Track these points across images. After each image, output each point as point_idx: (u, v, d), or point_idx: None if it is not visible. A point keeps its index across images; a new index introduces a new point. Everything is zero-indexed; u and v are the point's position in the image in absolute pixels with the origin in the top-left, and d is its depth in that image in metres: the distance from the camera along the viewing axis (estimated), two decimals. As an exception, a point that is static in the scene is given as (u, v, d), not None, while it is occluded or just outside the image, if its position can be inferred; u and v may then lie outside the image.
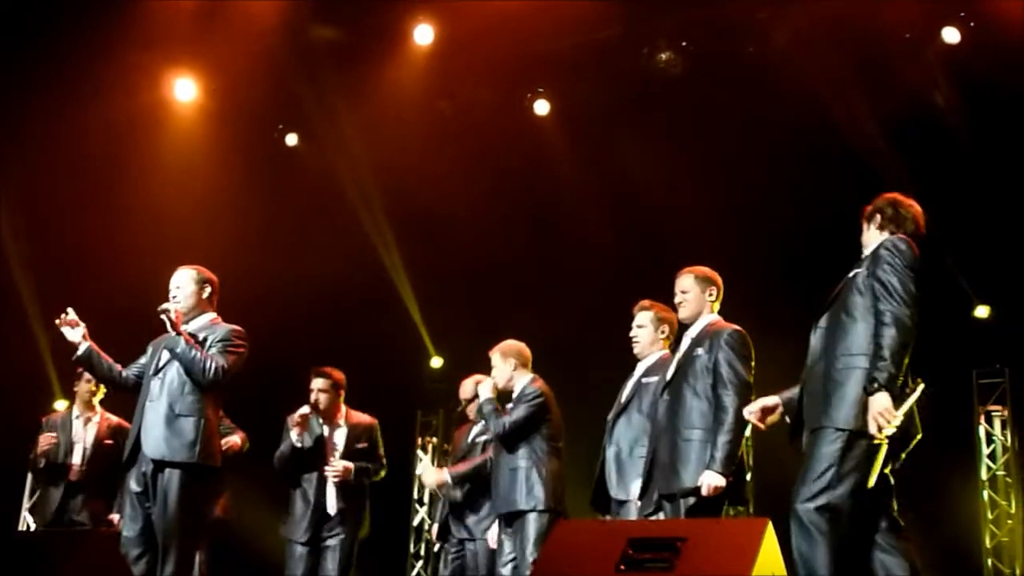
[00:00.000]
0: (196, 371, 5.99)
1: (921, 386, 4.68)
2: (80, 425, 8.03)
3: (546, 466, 6.80)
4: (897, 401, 4.55)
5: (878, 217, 5.13)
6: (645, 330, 6.45)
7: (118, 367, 6.29)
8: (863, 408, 4.61)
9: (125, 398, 6.48)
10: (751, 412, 5.25)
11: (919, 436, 4.82)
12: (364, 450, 7.60)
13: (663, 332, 6.45)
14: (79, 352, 6.19)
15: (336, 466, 7.37)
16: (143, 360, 6.30)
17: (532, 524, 6.65)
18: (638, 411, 6.30)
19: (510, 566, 6.79)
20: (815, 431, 4.73)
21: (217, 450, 6.19)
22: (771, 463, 5.70)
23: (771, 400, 5.22)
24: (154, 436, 5.97)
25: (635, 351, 6.47)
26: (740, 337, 5.74)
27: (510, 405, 6.95)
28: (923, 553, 10.06)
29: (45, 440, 7.89)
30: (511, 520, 6.83)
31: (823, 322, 4.95)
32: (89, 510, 7.82)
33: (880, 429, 4.54)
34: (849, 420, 4.65)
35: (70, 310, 6.13)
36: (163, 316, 6.01)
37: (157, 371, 6.11)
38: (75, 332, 6.16)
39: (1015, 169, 9.40)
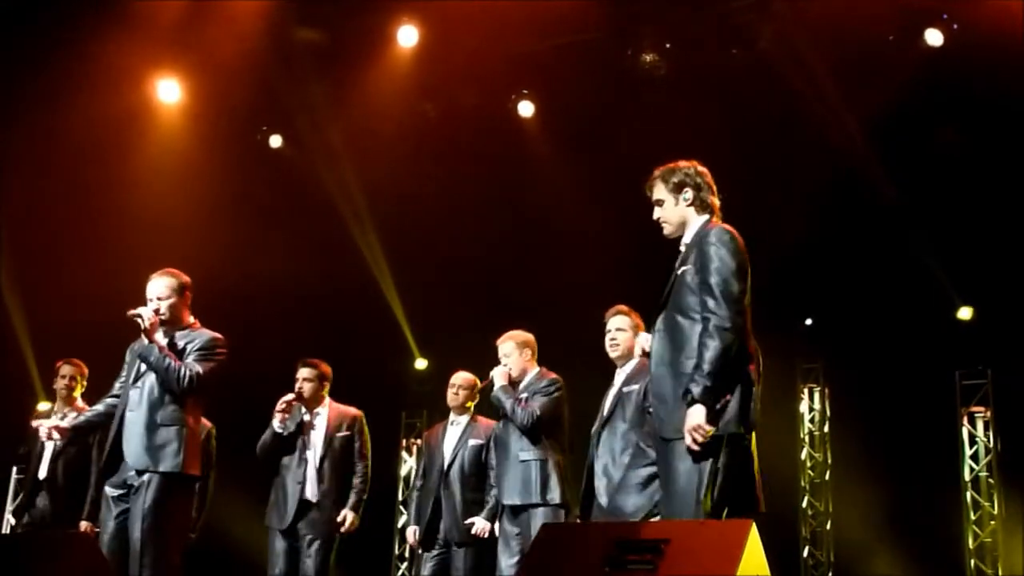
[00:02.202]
0: (171, 380, 5.97)
1: (727, 398, 4.50)
2: (55, 421, 7.91)
3: (555, 459, 6.79)
4: (711, 413, 4.44)
5: (689, 193, 4.90)
6: (625, 334, 6.38)
7: (99, 407, 6.36)
8: (725, 412, 4.52)
9: (105, 388, 6.47)
10: None
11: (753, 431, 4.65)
12: (346, 438, 7.60)
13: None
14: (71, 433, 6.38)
15: (347, 522, 7.46)
16: (124, 372, 6.28)
17: (543, 518, 6.58)
18: (622, 420, 6.26)
19: (516, 563, 6.74)
20: (671, 441, 4.60)
21: (198, 459, 6.17)
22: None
23: None
24: (135, 446, 5.94)
25: (613, 355, 6.43)
26: None
27: (523, 395, 6.90)
28: (906, 554, 10.13)
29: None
30: (518, 512, 6.81)
31: (660, 324, 4.79)
32: (53, 509, 7.70)
33: (695, 441, 4.45)
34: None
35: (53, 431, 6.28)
36: (136, 320, 5.99)
37: (136, 380, 6.08)
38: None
39: (998, 171, 9.44)
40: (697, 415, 4.45)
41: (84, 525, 7.62)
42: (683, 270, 4.75)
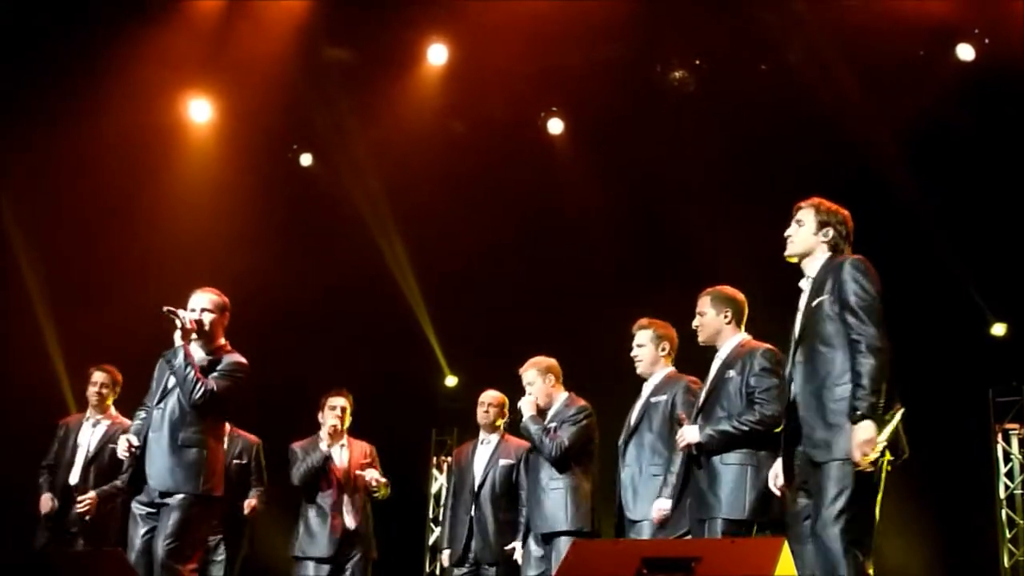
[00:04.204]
0: (186, 389, 5.98)
1: (901, 411, 4.60)
2: (88, 428, 7.85)
3: (584, 486, 6.78)
4: (879, 428, 4.51)
5: (830, 233, 5.00)
6: (645, 349, 6.43)
7: (142, 419, 6.30)
8: None
9: (135, 399, 6.52)
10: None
11: (906, 455, 4.75)
12: (369, 465, 7.75)
13: (664, 349, 6.43)
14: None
15: (378, 476, 7.60)
16: (153, 388, 6.30)
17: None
18: (648, 431, 6.27)
19: None
20: (822, 464, 4.66)
21: (220, 479, 6.21)
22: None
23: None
24: (158, 468, 5.99)
25: (638, 371, 6.46)
26: (772, 356, 5.71)
27: (551, 424, 6.90)
28: (940, 573, 10.00)
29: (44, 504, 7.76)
30: (548, 539, 6.80)
31: (799, 356, 4.87)
32: (85, 520, 7.59)
33: (865, 457, 4.51)
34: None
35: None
36: (172, 317, 6.00)
37: (160, 400, 6.12)
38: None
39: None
40: (867, 430, 4.51)
41: (92, 496, 7.55)
42: (818, 301, 4.84)
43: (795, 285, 5.11)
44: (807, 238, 5.03)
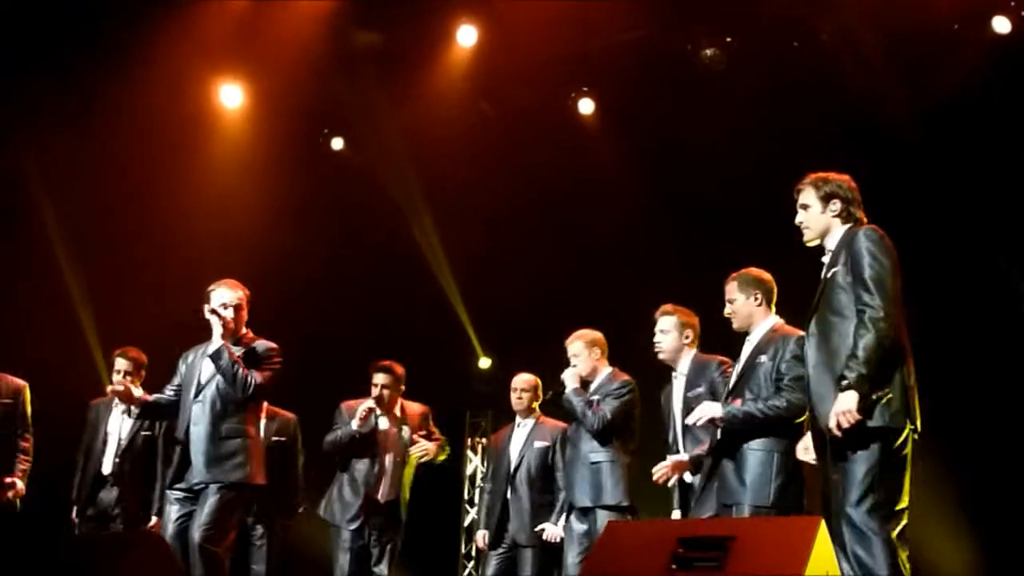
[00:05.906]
0: (237, 386, 6.12)
1: (888, 395, 4.58)
2: (117, 415, 7.73)
3: (624, 460, 6.78)
4: (863, 403, 4.51)
5: (837, 204, 5.00)
6: (668, 335, 6.43)
7: (161, 397, 6.53)
8: (890, 404, 4.58)
9: (163, 382, 6.63)
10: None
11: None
12: (422, 438, 7.74)
13: (687, 337, 6.42)
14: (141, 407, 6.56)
15: (424, 445, 7.60)
16: (177, 380, 6.43)
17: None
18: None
19: (580, 561, 6.73)
20: (840, 441, 4.62)
21: (262, 467, 6.35)
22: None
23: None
24: (203, 460, 6.12)
25: (659, 357, 6.44)
26: (803, 342, 5.66)
27: (594, 396, 6.89)
28: (979, 550, 9.90)
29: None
30: (587, 512, 6.81)
31: (813, 328, 4.87)
32: (123, 507, 7.54)
33: (839, 427, 4.51)
34: (879, 419, 4.58)
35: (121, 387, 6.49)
36: (213, 319, 6.10)
37: (197, 393, 6.24)
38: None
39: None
40: (848, 400, 4.51)
41: (155, 521, 7.46)
42: (833, 271, 4.85)
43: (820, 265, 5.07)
44: (818, 218, 5.05)
